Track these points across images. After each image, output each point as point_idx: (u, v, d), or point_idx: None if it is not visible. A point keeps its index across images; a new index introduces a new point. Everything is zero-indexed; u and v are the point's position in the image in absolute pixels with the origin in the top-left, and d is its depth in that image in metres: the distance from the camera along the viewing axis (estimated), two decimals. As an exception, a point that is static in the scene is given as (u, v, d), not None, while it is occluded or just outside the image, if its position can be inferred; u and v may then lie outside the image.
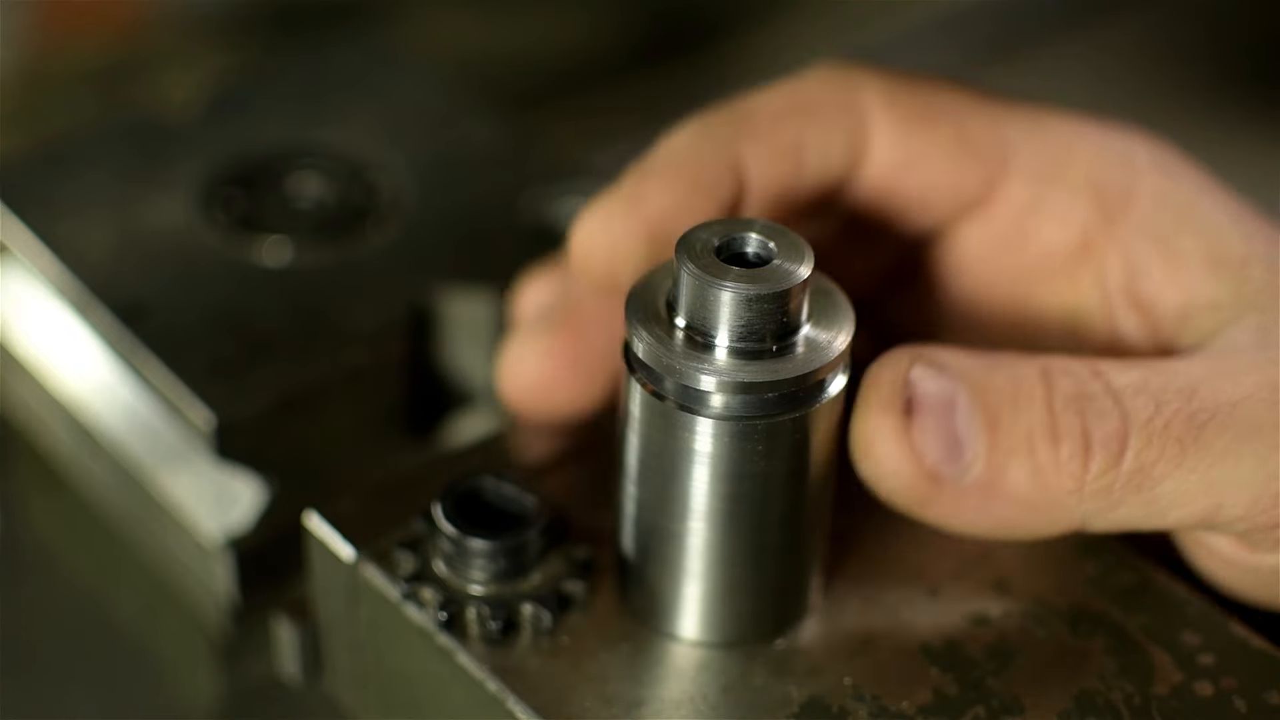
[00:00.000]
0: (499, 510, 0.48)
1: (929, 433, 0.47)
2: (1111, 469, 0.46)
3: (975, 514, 0.48)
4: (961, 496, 0.47)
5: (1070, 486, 0.47)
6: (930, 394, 0.47)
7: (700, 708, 0.46)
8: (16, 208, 0.62)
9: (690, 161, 0.51)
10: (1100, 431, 0.46)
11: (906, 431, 0.47)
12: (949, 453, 0.47)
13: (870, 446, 0.47)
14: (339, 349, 0.58)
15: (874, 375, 0.48)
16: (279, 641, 0.53)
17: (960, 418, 0.47)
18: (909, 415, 0.47)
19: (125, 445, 0.60)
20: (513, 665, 0.47)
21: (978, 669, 0.47)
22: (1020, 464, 0.47)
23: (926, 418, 0.47)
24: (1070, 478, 0.47)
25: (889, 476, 0.47)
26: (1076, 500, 0.47)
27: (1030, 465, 0.47)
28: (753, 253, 0.45)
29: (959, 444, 0.47)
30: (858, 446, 0.48)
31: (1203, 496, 0.47)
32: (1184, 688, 0.47)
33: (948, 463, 0.47)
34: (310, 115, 0.67)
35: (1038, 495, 0.47)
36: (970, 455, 0.47)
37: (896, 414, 0.47)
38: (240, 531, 0.57)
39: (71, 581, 0.67)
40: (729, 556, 0.47)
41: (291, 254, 0.61)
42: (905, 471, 0.47)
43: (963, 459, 0.47)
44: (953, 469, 0.47)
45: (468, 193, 0.64)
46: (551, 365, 0.52)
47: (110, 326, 0.58)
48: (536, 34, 1.35)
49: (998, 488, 0.47)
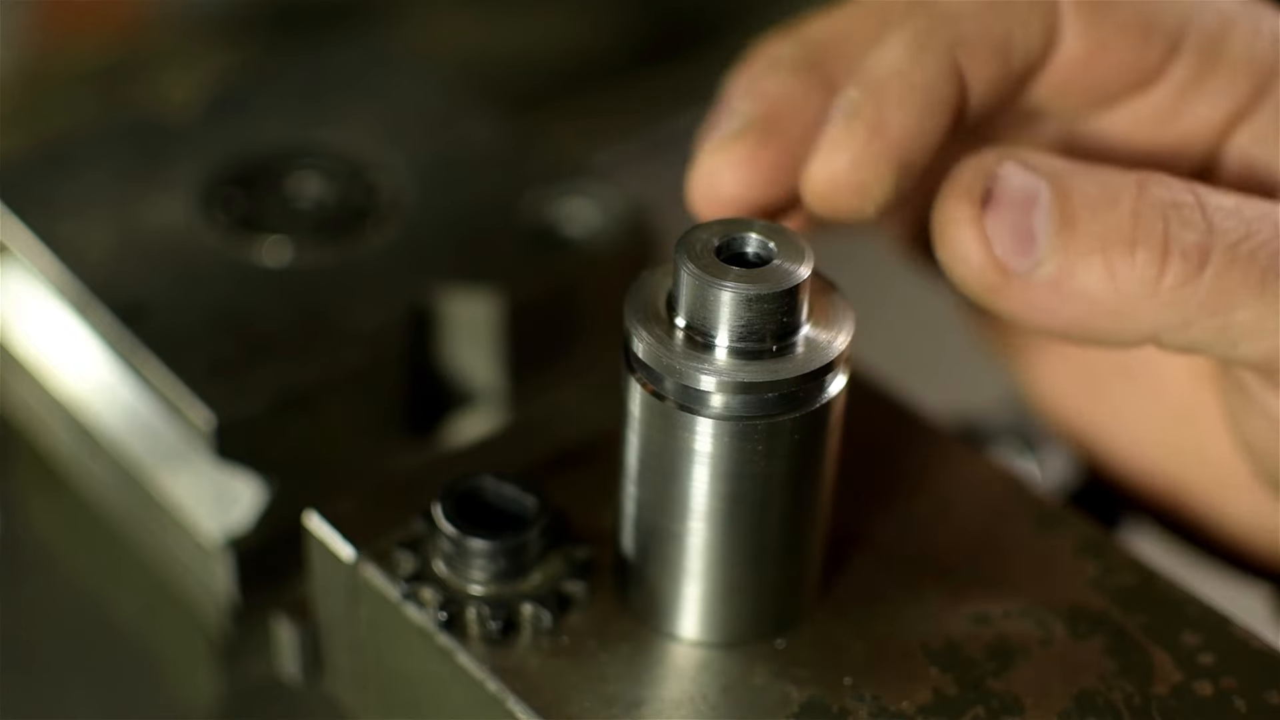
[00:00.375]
0: (499, 510, 0.48)
1: (1002, 223, 0.47)
2: (1188, 283, 0.46)
3: (1043, 312, 0.47)
4: (1030, 291, 0.47)
5: (1141, 293, 0.46)
6: (1012, 187, 0.47)
7: (700, 708, 0.46)
8: (16, 208, 0.62)
9: (921, 79, 0.49)
10: (1182, 242, 0.46)
11: (978, 220, 0.47)
12: (1020, 245, 0.47)
13: (943, 231, 0.48)
14: (339, 349, 0.58)
15: (961, 165, 0.48)
16: (279, 641, 0.53)
17: (1038, 214, 0.47)
18: (986, 205, 0.47)
19: (125, 445, 0.60)
20: (513, 665, 0.47)
21: (978, 669, 0.47)
22: (1091, 265, 0.46)
23: (1003, 209, 0.47)
24: (1142, 284, 0.46)
25: (958, 262, 0.47)
26: (1149, 309, 0.46)
27: (1102, 268, 0.46)
28: (753, 253, 0.45)
29: (1032, 238, 0.47)
30: (934, 232, 0.48)
31: (1274, 335, 0.46)
32: (1184, 688, 0.47)
33: (1017, 255, 0.47)
34: (310, 115, 0.66)
35: (1109, 299, 0.47)
36: (1041, 251, 0.47)
37: (971, 202, 0.47)
38: (240, 531, 0.57)
39: (71, 581, 0.67)
40: (729, 556, 0.47)
41: (291, 254, 0.61)
42: (974, 259, 0.47)
43: (1033, 254, 0.47)
44: (1022, 262, 0.47)
45: (468, 193, 0.64)
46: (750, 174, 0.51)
47: (110, 326, 0.58)
48: (536, 34, 1.35)
49: (1067, 287, 0.47)
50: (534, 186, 0.63)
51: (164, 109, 0.67)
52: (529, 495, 0.48)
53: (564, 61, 1.35)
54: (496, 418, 0.61)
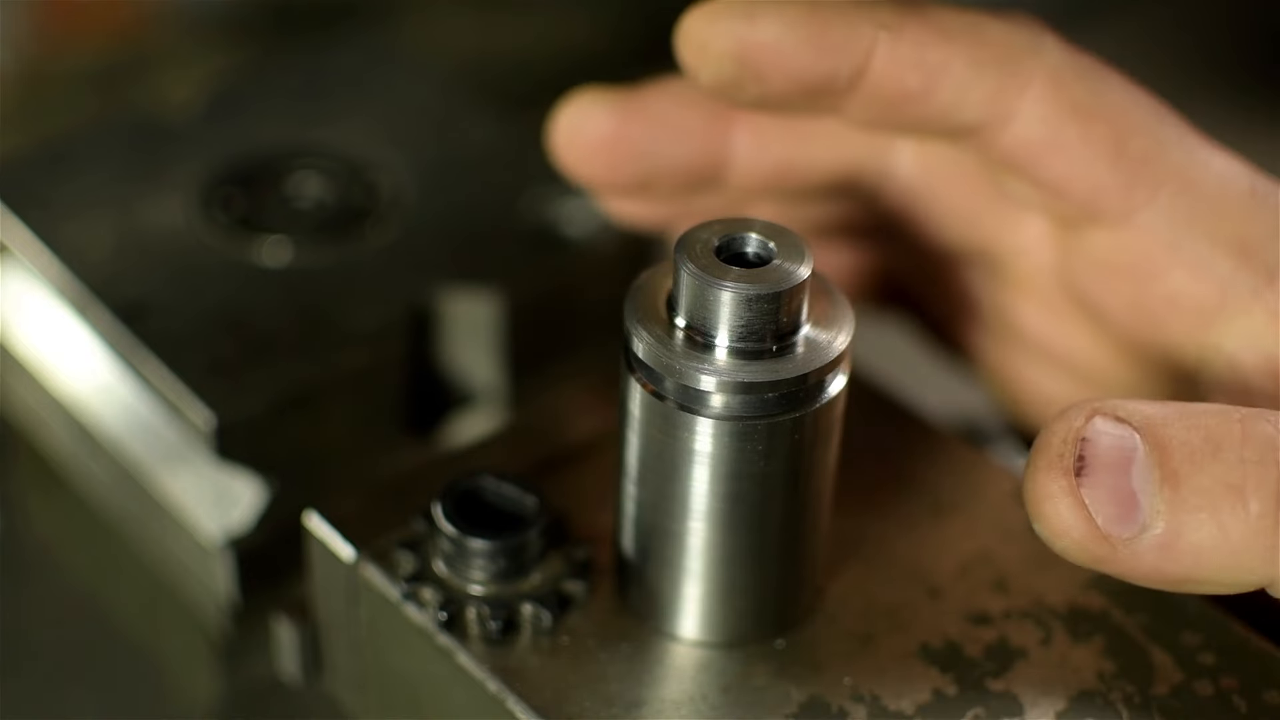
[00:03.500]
0: (499, 510, 0.48)
1: (1101, 490, 0.44)
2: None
3: (1156, 572, 0.44)
4: (1139, 556, 0.44)
5: (1257, 545, 0.43)
6: (1105, 449, 0.44)
7: (700, 708, 0.46)
8: (16, 208, 0.62)
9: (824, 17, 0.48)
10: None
11: (1075, 491, 0.44)
12: (1123, 512, 0.44)
13: (1039, 507, 0.44)
14: (339, 349, 0.58)
15: (1048, 429, 0.45)
16: (279, 641, 0.53)
17: (1137, 473, 0.44)
18: (1081, 474, 0.44)
19: (125, 445, 0.60)
20: (513, 665, 0.47)
21: (978, 669, 0.47)
22: (1201, 523, 0.43)
23: (1100, 474, 0.44)
24: (1257, 535, 0.43)
25: (1059, 536, 0.44)
26: (1265, 559, 0.43)
27: (1214, 524, 0.43)
28: (753, 253, 0.45)
29: (1135, 503, 0.44)
30: (1029, 505, 0.45)
31: None
32: (1184, 688, 0.47)
33: (1121, 523, 0.44)
34: (310, 115, 0.67)
35: (1221, 554, 0.43)
36: (1146, 515, 0.44)
37: (1064, 473, 0.44)
38: (240, 531, 0.57)
39: (71, 581, 0.67)
40: (729, 556, 0.47)
41: (291, 254, 0.61)
42: (1076, 533, 0.44)
43: (1138, 520, 0.44)
44: (1127, 529, 0.44)
45: (468, 193, 0.64)
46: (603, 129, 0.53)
47: (110, 326, 0.58)
48: (536, 34, 1.35)
49: (1179, 549, 0.44)
50: (534, 186, 0.64)
51: (164, 109, 0.67)
52: (529, 495, 0.48)
53: (563, 61, 1.35)
54: (496, 418, 0.61)
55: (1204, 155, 0.51)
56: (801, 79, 0.50)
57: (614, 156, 0.54)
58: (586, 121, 0.54)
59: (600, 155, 0.54)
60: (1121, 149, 0.50)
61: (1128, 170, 0.50)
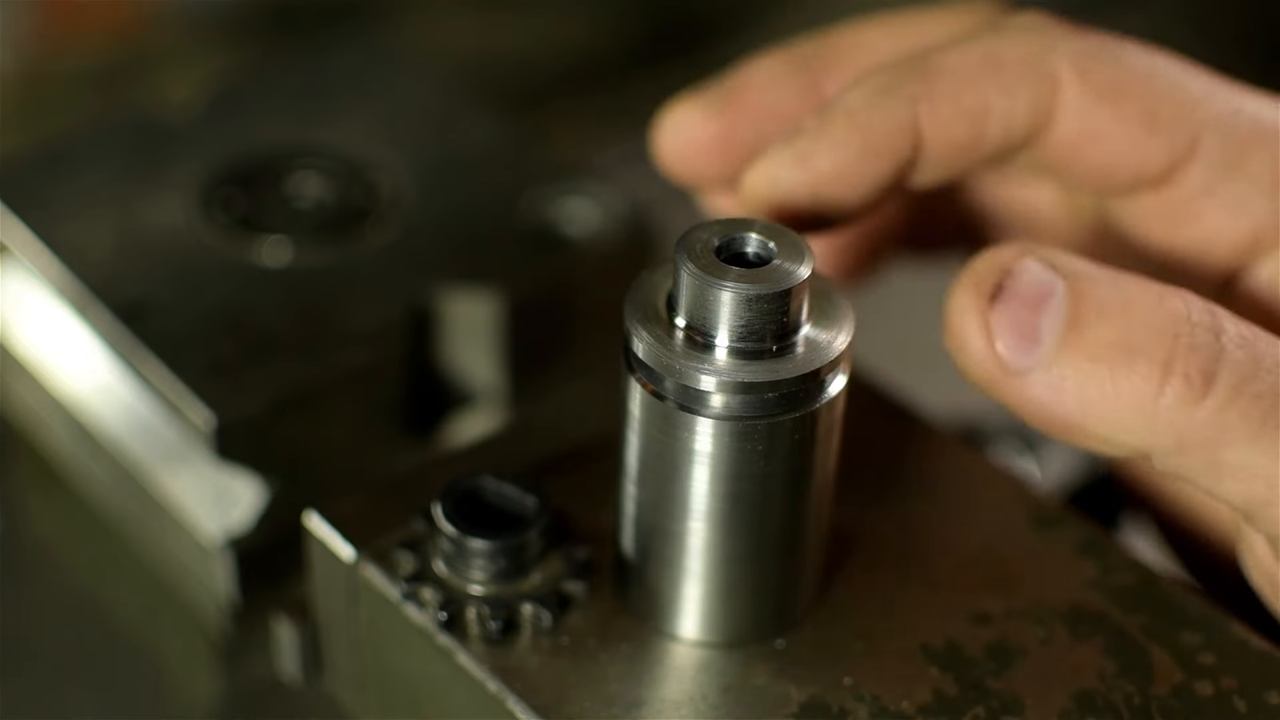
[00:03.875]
0: (499, 510, 0.48)
1: (1008, 318, 0.46)
2: (1185, 408, 0.45)
3: (1040, 410, 0.47)
4: (1027, 390, 0.46)
5: (1137, 409, 0.45)
6: (1026, 283, 0.47)
7: (700, 708, 0.46)
8: (16, 208, 0.62)
9: (866, 122, 0.49)
10: (1188, 364, 0.45)
11: (984, 312, 0.46)
12: (1022, 344, 0.46)
13: (949, 321, 0.47)
14: (339, 349, 0.58)
15: (980, 257, 0.47)
16: (279, 641, 0.53)
17: (1048, 313, 0.46)
18: (995, 299, 0.46)
19: (125, 445, 0.60)
20: (513, 665, 0.47)
21: (978, 669, 0.47)
22: (1091, 373, 0.45)
23: (1011, 304, 0.46)
24: (1140, 398, 0.45)
25: (959, 350, 0.47)
26: (1143, 427, 0.45)
27: (1103, 378, 0.45)
28: (753, 253, 0.45)
29: (1036, 338, 0.46)
30: (944, 320, 0.48)
31: (1259, 482, 0.45)
32: (1184, 688, 0.47)
33: (1017, 352, 0.46)
34: (310, 115, 0.66)
35: (1104, 409, 0.46)
36: (1044, 352, 0.46)
37: (980, 294, 0.47)
38: (240, 531, 0.57)
39: (71, 581, 0.67)
40: (729, 556, 0.47)
41: (291, 254, 0.61)
42: (974, 352, 0.47)
43: (1035, 354, 0.46)
44: (1022, 360, 0.46)
45: (468, 193, 0.64)
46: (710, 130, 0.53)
47: (110, 326, 0.58)
48: (536, 34, 1.35)
49: (1064, 390, 0.46)
50: (534, 186, 0.64)
51: (164, 109, 0.67)
52: (529, 495, 0.48)
53: (564, 61, 1.35)
54: (496, 418, 0.61)
55: (1234, 101, 0.51)
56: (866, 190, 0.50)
57: (723, 155, 0.54)
58: (689, 126, 0.54)
59: (709, 156, 0.54)
60: (1155, 119, 0.50)
61: (1165, 137, 0.50)
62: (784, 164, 0.50)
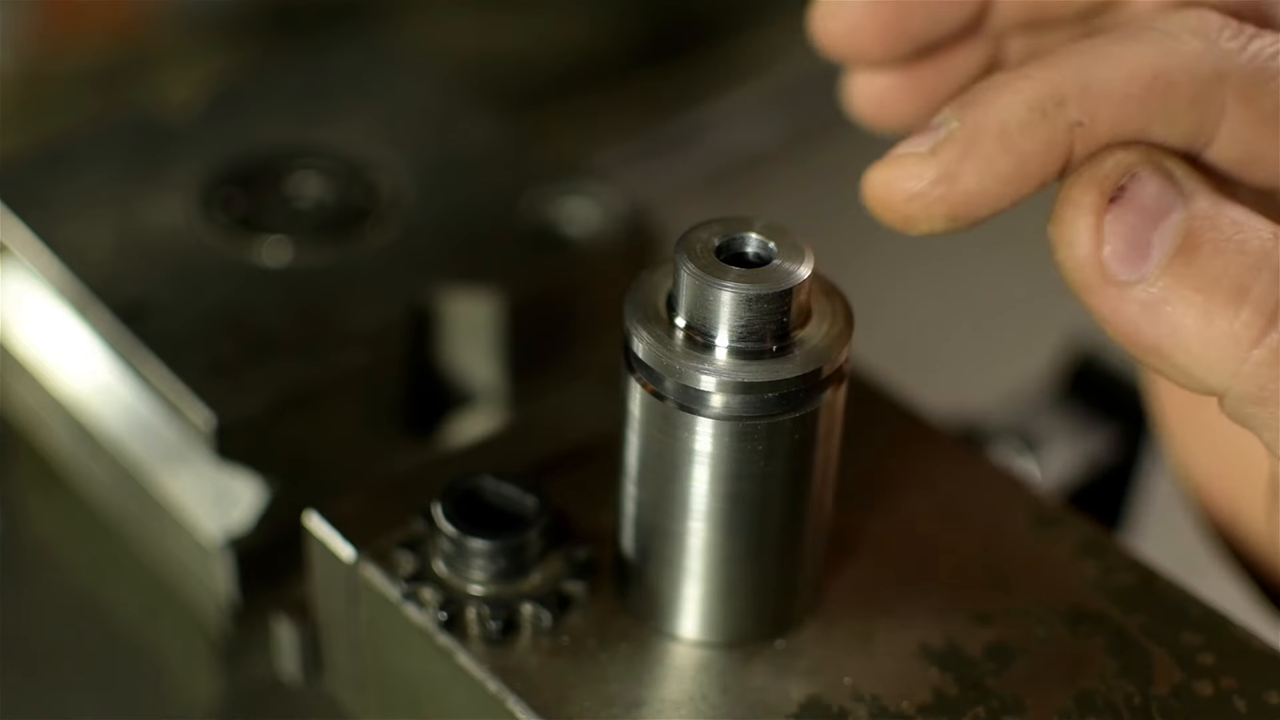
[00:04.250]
0: (499, 510, 0.48)
1: (1123, 225, 0.45)
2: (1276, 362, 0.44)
3: (1129, 328, 0.45)
4: (1123, 303, 0.45)
5: (1228, 352, 0.44)
6: (1147, 194, 0.45)
7: (700, 708, 0.46)
8: (16, 208, 0.62)
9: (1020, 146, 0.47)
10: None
11: (1100, 212, 0.45)
12: (1130, 254, 0.45)
13: (1061, 210, 0.45)
14: (339, 349, 0.58)
15: (1109, 151, 0.46)
16: (279, 641, 0.53)
17: (1163, 231, 0.45)
18: (1114, 201, 0.45)
19: (125, 445, 0.60)
20: (513, 665, 0.47)
21: (978, 669, 0.47)
22: (1192, 303, 0.44)
23: (1128, 212, 0.45)
24: (1234, 343, 0.44)
25: (1064, 245, 0.45)
26: (1228, 370, 0.44)
27: (1202, 311, 0.44)
28: (753, 253, 0.45)
29: (1146, 254, 0.45)
30: (1055, 207, 0.46)
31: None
32: (1184, 688, 0.47)
33: (1123, 263, 0.45)
34: (310, 115, 0.67)
35: (1194, 344, 0.44)
36: (1150, 270, 0.45)
37: (1100, 192, 0.45)
38: (240, 531, 0.57)
39: (71, 581, 0.67)
40: (729, 556, 0.47)
41: (291, 254, 0.61)
42: (1080, 251, 0.45)
43: (1140, 269, 0.45)
44: (1124, 272, 0.45)
45: (468, 193, 0.64)
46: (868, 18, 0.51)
47: (110, 326, 0.58)
48: (536, 34, 1.35)
49: (1160, 315, 0.45)
50: (534, 186, 0.64)
51: (164, 109, 0.67)
52: (529, 495, 0.48)
53: (563, 61, 1.35)
54: (496, 418, 0.61)
55: None
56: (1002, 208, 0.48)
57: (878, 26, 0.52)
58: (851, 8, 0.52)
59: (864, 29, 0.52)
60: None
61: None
62: (926, 177, 0.47)
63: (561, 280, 0.61)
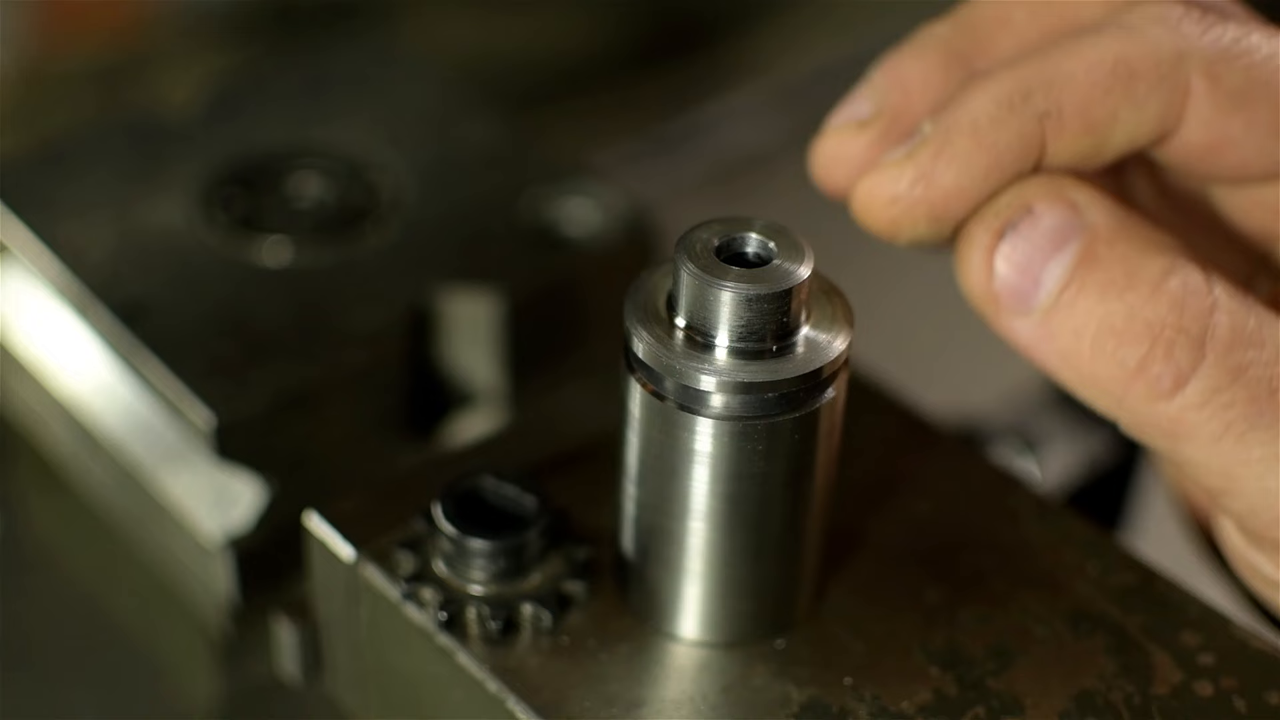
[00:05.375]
0: (499, 510, 0.48)
1: (1013, 260, 0.47)
2: (1152, 401, 0.46)
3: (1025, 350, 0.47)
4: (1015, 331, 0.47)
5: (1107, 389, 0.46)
6: (1043, 228, 0.47)
7: (700, 708, 0.46)
8: (16, 208, 0.62)
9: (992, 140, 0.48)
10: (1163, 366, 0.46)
11: (989, 249, 0.47)
12: (1021, 284, 0.47)
13: (958, 247, 0.48)
14: (339, 349, 0.58)
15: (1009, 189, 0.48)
16: (279, 641, 0.53)
17: (1054, 263, 0.47)
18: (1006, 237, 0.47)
19: (125, 445, 0.60)
20: (513, 665, 0.47)
21: (978, 669, 0.47)
22: (1073, 336, 0.46)
23: (1021, 245, 0.47)
24: (1110, 381, 0.46)
25: (961, 277, 0.48)
26: (1111, 402, 0.47)
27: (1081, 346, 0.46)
28: (753, 253, 0.45)
29: (1035, 287, 0.47)
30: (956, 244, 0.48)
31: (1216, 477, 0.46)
32: (1184, 688, 0.47)
33: (1014, 294, 0.47)
34: (310, 115, 0.67)
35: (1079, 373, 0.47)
36: (1041, 299, 0.47)
37: (986, 230, 0.47)
38: (240, 531, 0.57)
39: (71, 581, 0.67)
40: (729, 556, 0.47)
41: (291, 254, 0.61)
42: (972, 282, 0.47)
43: (1030, 300, 0.47)
44: (1016, 302, 0.47)
45: (468, 193, 0.64)
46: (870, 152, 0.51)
47: (110, 326, 0.58)
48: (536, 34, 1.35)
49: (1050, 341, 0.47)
50: (534, 186, 0.64)
51: (164, 109, 0.67)
52: (529, 495, 0.48)
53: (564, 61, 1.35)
54: (496, 418, 0.61)
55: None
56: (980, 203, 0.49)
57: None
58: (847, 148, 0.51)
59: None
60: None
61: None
62: (904, 179, 0.48)
63: (561, 280, 0.61)
